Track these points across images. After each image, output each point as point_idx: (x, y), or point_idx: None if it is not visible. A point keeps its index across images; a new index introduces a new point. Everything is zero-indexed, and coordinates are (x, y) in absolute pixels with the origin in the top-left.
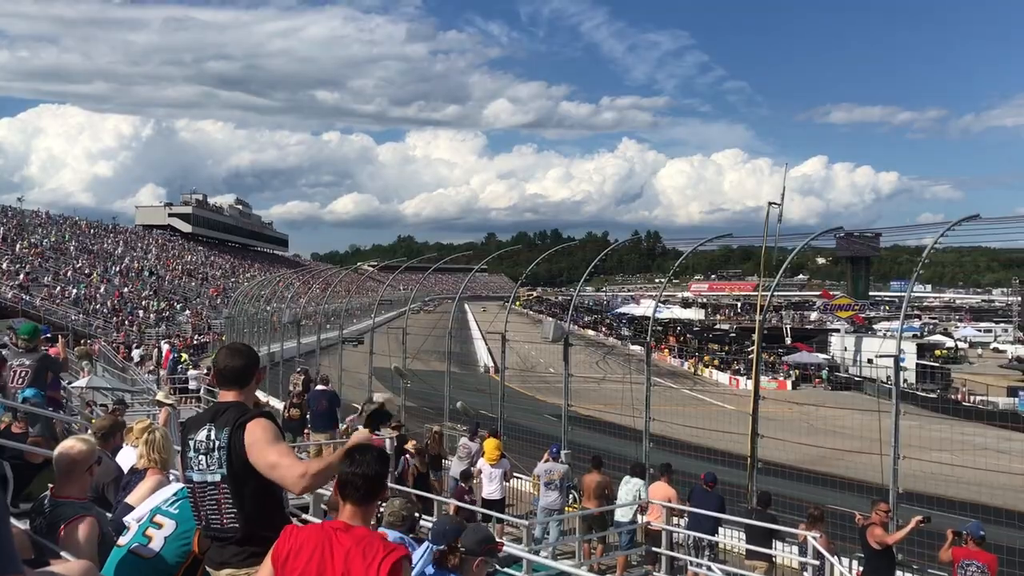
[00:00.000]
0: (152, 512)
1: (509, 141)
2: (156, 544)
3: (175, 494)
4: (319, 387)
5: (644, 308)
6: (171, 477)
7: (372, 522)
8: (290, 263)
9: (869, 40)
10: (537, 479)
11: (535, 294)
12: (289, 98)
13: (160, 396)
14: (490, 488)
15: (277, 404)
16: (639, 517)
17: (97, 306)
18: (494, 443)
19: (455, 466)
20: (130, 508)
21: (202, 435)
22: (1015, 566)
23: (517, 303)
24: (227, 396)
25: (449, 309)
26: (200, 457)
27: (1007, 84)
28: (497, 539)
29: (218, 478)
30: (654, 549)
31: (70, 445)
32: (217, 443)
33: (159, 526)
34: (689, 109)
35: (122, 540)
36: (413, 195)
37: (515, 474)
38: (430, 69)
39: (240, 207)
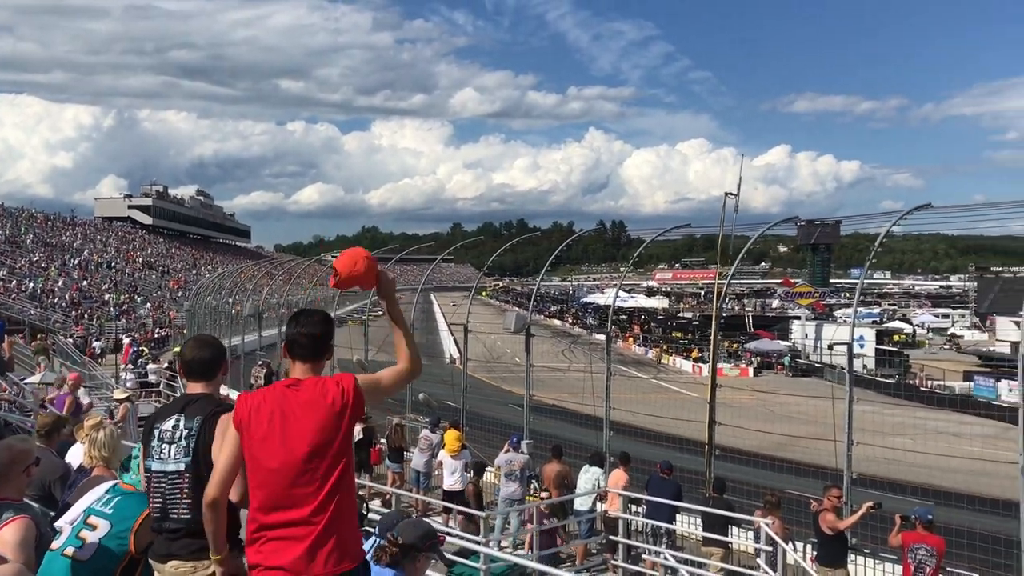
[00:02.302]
0: (85, 513)
1: (476, 131)
2: (90, 547)
3: (107, 492)
4: None
5: (608, 297)
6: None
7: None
8: (252, 255)
9: (832, 30)
10: (498, 470)
11: (502, 284)
12: (253, 87)
13: (117, 394)
14: (450, 480)
15: None
16: (598, 505)
17: (55, 300)
18: (455, 434)
19: (416, 458)
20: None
21: (168, 424)
22: (964, 548)
23: (484, 293)
24: (195, 388)
25: (412, 300)
26: (164, 446)
27: (966, 74)
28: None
29: (181, 467)
30: (611, 537)
31: (7, 445)
32: (185, 432)
33: (93, 527)
34: (655, 99)
35: (55, 544)
36: (379, 185)
37: None
38: (396, 58)
39: (201, 198)
